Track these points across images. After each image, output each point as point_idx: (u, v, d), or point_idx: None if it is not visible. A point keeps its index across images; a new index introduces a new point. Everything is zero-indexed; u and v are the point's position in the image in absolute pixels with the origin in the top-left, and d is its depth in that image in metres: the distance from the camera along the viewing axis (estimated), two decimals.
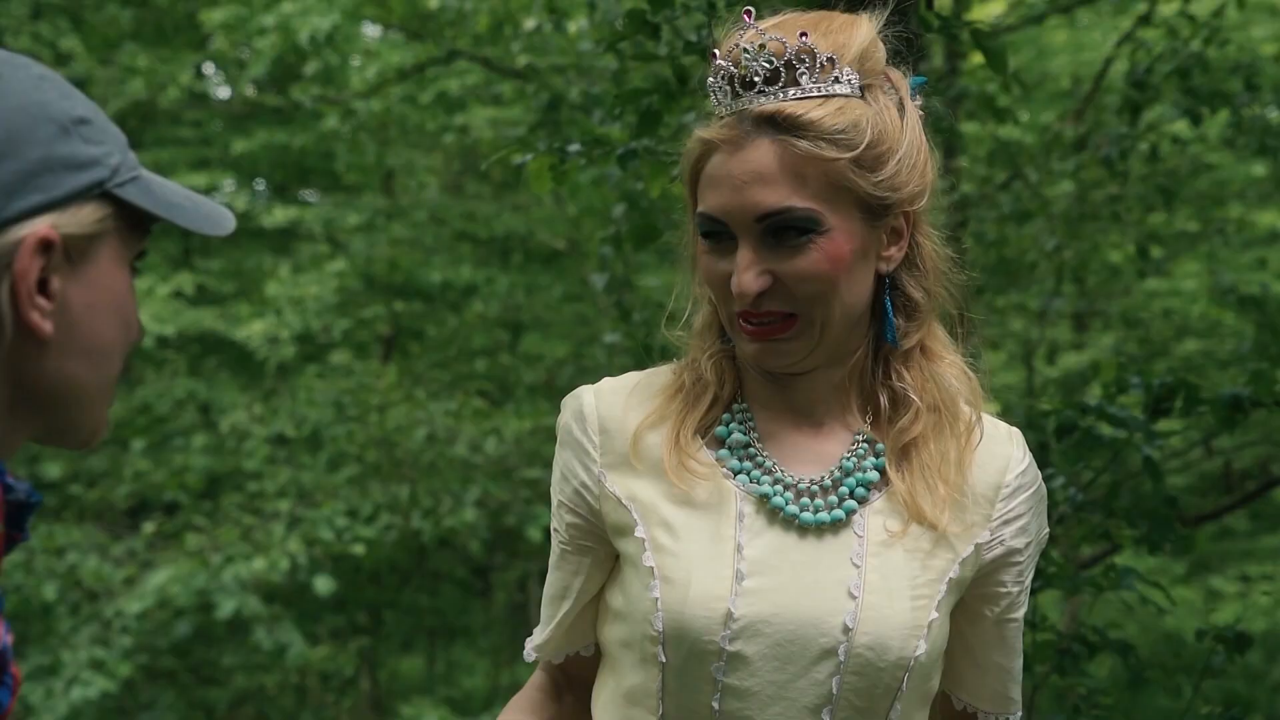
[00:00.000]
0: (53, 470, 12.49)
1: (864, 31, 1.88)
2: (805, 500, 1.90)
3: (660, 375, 2.02)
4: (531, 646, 2.12)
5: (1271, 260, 11.28)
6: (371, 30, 12.64)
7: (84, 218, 1.39)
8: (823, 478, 1.92)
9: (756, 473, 1.92)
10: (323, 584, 10.69)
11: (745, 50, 1.83)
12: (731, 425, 1.96)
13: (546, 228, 13.41)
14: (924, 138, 1.92)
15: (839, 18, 1.91)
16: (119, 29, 13.90)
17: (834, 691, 1.85)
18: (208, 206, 1.53)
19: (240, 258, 14.87)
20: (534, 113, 9.34)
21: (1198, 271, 11.50)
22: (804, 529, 1.89)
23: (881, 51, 1.91)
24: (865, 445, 1.94)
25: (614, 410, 1.99)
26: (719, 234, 1.87)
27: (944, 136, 8.27)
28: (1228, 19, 7.59)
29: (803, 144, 1.81)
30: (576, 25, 9.32)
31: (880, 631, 1.85)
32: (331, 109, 12.09)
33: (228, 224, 1.52)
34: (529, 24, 9.65)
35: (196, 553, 10.74)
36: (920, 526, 1.89)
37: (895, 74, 1.94)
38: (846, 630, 1.84)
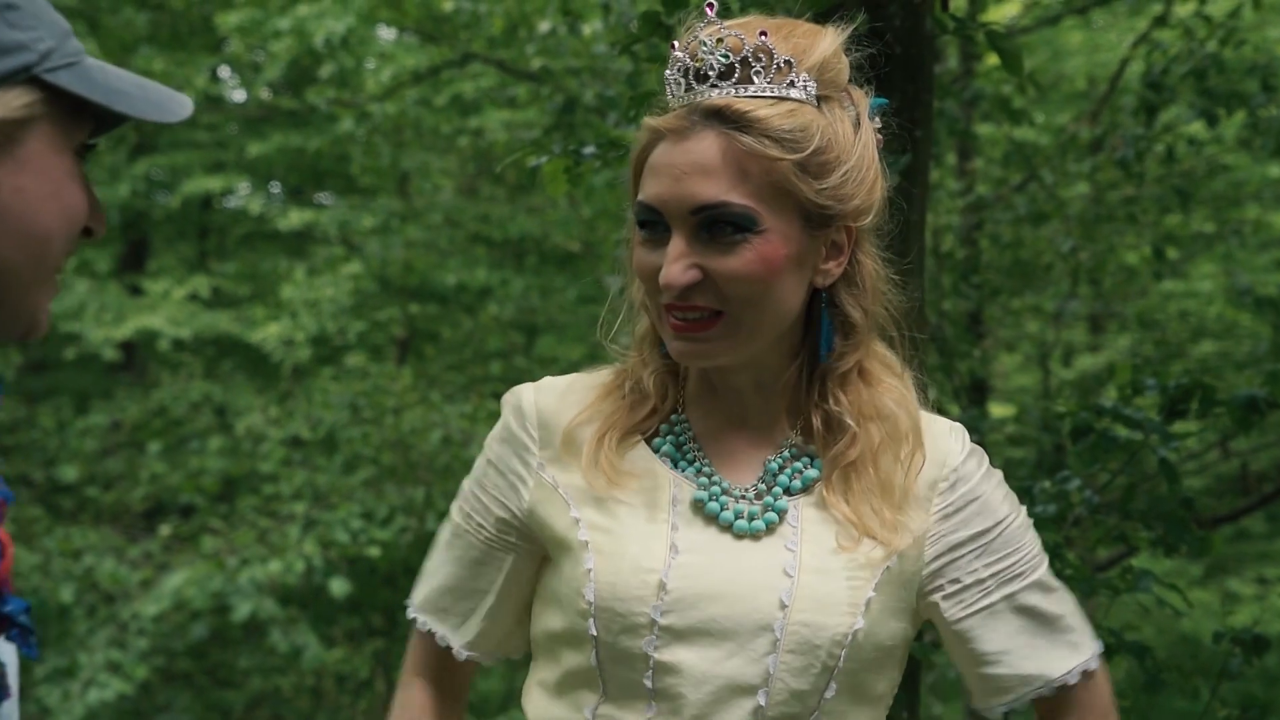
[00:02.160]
0: (69, 473, 12.53)
1: (827, 42, 1.87)
2: (740, 507, 1.89)
3: (600, 376, 2.03)
4: (462, 644, 2.08)
5: None
6: (386, 33, 12.66)
7: (9, 102, 1.37)
8: (757, 485, 1.91)
9: (690, 470, 1.93)
10: (338, 586, 10.69)
11: (703, 44, 1.82)
12: (667, 438, 1.96)
13: (561, 230, 13.42)
14: (876, 157, 1.90)
15: (804, 25, 1.90)
16: (135, 32, 13.94)
17: (770, 670, 1.83)
18: (159, 94, 1.50)
19: (256, 260, 14.92)
20: (549, 115, 9.35)
21: (1214, 273, 11.47)
22: (739, 535, 1.88)
23: (844, 66, 1.90)
24: (791, 450, 1.93)
25: (550, 405, 2.00)
26: (654, 224, 1.85)
27: (959, 138, 8.30)
28: (1244, 20, 7.57)
29: (747, 139, 1.78)
30: (591, 28, 9.33)
31: (817, 608, 1.83)
32: (346, 112, 12.11)
33: (179, 110, 1.49)
34: (544, 26, 9.66)
35: (212, 555, 10.75)
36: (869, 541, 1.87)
37: (856, 91, 1.92)
38: (783, 606, 1.83)
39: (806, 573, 1.85)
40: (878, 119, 1.94)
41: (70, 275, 13.45)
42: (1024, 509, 2.02)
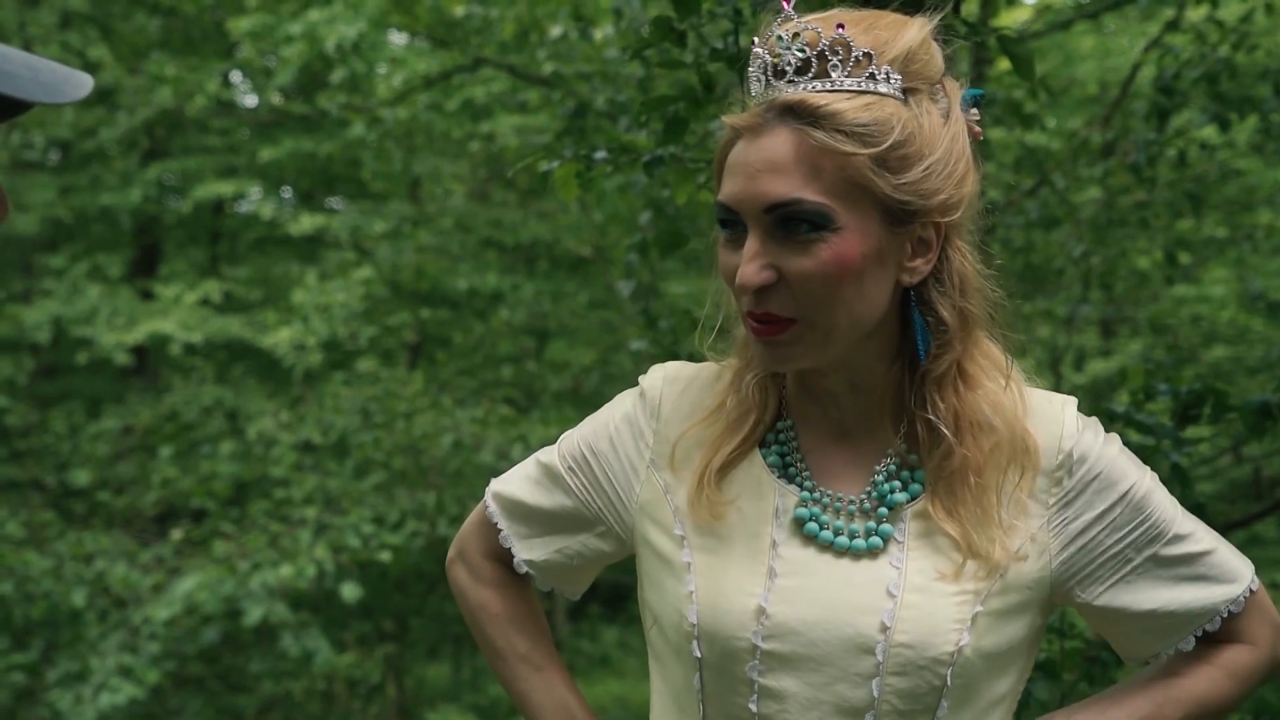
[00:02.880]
0: (81, 478, 12.55)
1: (912, 33, 1.81)
2: (840, 524, 1.85)
3: (716, 378, 2.00)
4: (524, 559, 2.11)
5: None
6: (398, 38, 12.67)
7: None
8: (862, 499, 1.87)
9: (794, 483, 1.89)
10: (349, 591, 10.69)
11: (780, 39, 1.78)
12: (773, 447, 1.92)
13: (572, 235, 13.43)
14: (968, 150, 1.84)
15: (889, 17, 1.83)
16: (147, 38, 13.99)
17: (875, 694, 1.79)
18: (52, 75, 1.42)
19: (267, 265, 14.95)
20: (560, 120, 9.35)
21: (1226, 278, 11.46)
22: (839, 553, 1.84)
23: (936, 57, 1.84)
24: (895, 463, 1.88)
25: (671, 403, 1.99)
26: (733, 224, 1.80)
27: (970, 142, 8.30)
28: (1256, 24, 7.56)
29: (819, 134, 1.73)
30: (602, 32, 9.34)
31: (920, 629, 1.78)
32: (358, 117, 12.12)
33: (72, 91, 1.41)
34: (555, 31, 9.67)
35: (224, 560, 10.75)
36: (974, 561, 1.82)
37: (950, 83, 1.86)
38: (884, 629, 1.78)
39: (910, 592, 1.80)
40: (973, 110, 1.88)
41: (82, 280, 13.48)
42: (1147, 468, 1.95)
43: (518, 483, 2.12)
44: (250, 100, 16.10)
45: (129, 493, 12.61)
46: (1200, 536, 1.95)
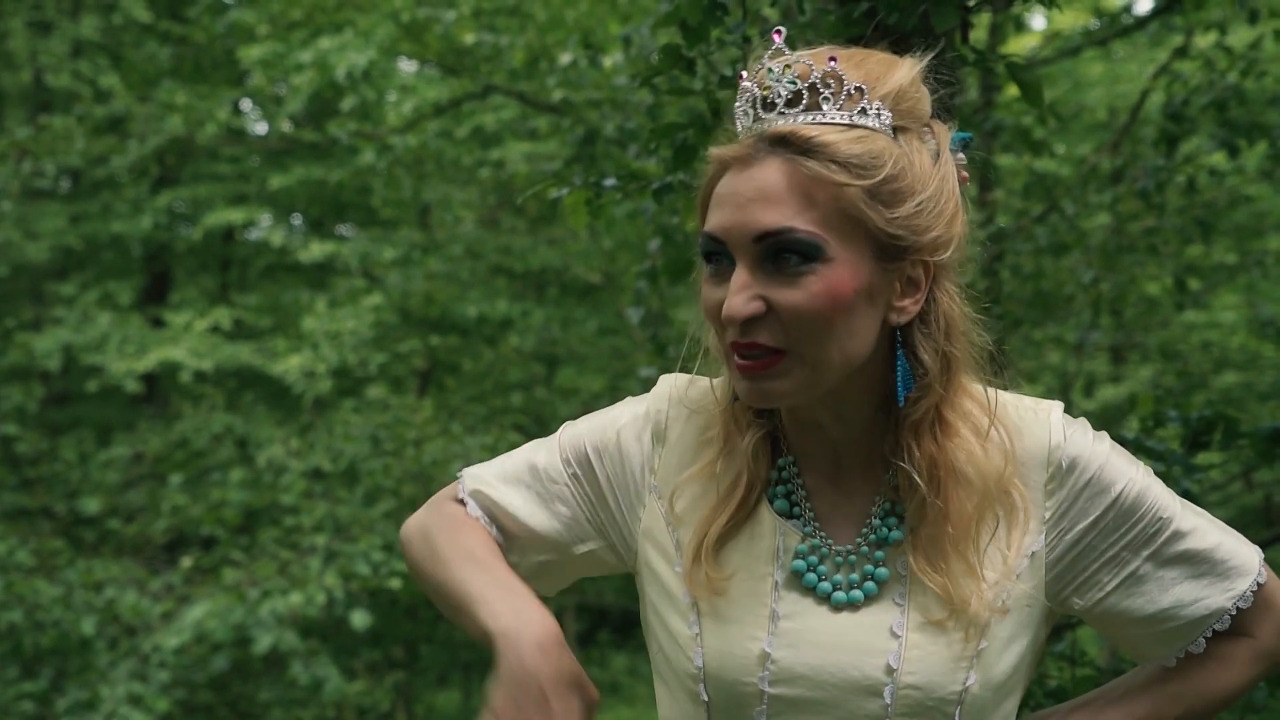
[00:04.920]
0: (91, 505, 12.55)
1: (902, 73, 1.79)
2: (838, 578, 1.82)
3: (709, 427, 1.93)
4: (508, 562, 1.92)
5: None
6: (408, 66, 12.71)
7: None
8: (859, 543, 1.84)
9: (797, 523, 1.86)
10: (359, 618, 10.68)
11: (770, 71, 1.76)
12: (778, 489, 1.88)
13: (582, 262, 13.44)
14: (958, 191, 1.81)
15: (879, 55, 1.82)
16: (158, 66, 14.04)
17: None
18: None
19: (277, 292, 14.97)
20: (569, 147, 9.36)
21: (1236, 304, 11.46)
22: (837, 607, 1.82)
23: (925, 99, 1.82)
24: (889, 502, 1.85)
25: (676, 433, 1.95)
26: (719, 256, 1.77)
27: (980, 169, 8.31)
28: (1265, 51, 7.56)
29: (812, 164, 1.71)
30: (611, 60, 9.36)
31: (926, 668, 1.77)
32: (368, 144, 12.15)
33: None
34: (564, 59, 9.68)
35: (234, 587, 10.74)
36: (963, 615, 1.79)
37: (939, 125, 1.84)
38: (890, 671, 1.77)
39: (914, 631, 1.78)
40: (961, 154, 1.86)
41: (92, 308, 13.50)
42: (1141, 463, 1.91)
43: (506, 488, 2.00)
44: (261, 128, 16.14)
45: (139, 520, 12.61)
46: (1204, 530, 1.90)
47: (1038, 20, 11.34)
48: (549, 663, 1.69)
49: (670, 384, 1.99)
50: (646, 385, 2.00)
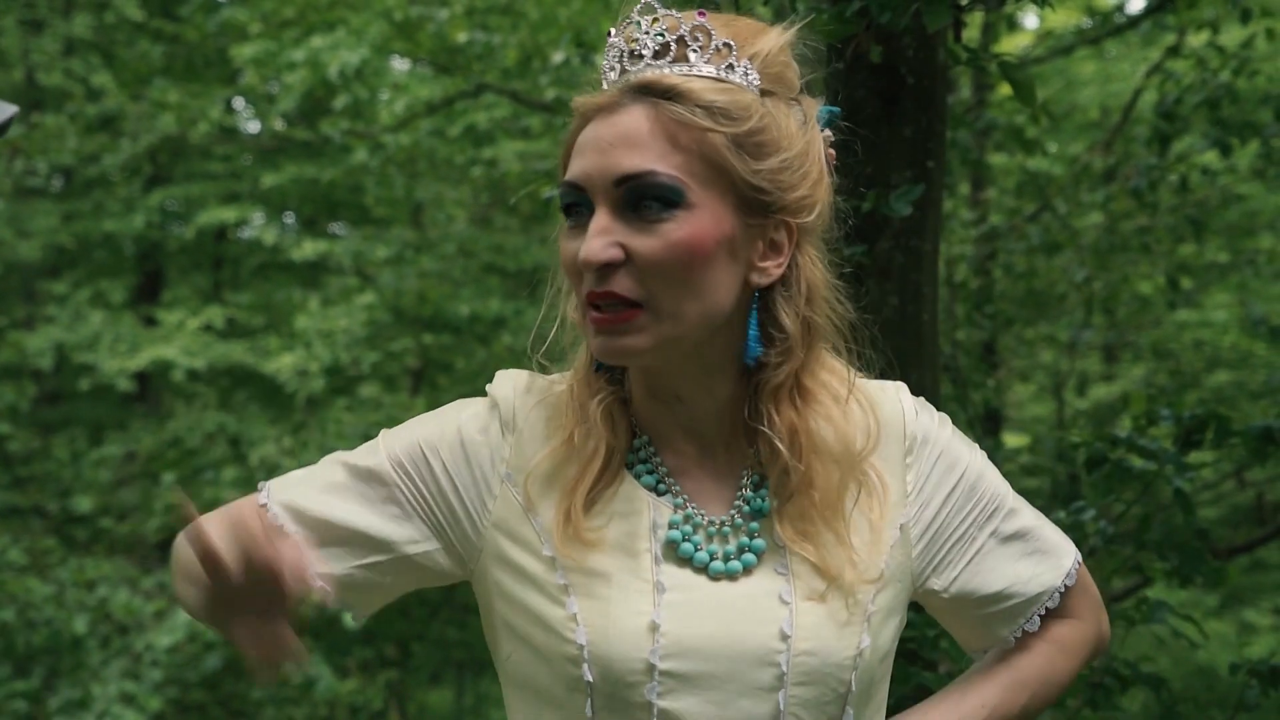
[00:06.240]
0: (84, 504, 12.55)
1: (771, 38, 1.77)
2: (714, 548, 1.77)
3: (562, 402, 1.86)
4: (318, 571, 1.64)
5: None
6: (400, 64, 12.70)
7: None
8: (733, 514, 1.79)
9: (666, 497, 1.80)
10: (351, 617, 10.70)
11: (639, 24, 1.74)
12: (638, 468, 1.82)
13: None
14: (823, 160, 1.79)
15: (748, 20, 1.80)
16: (150, 65, 14.02)
17: (780, 707, 1.72)
18: None
19: (270, 291, 14.95)
20: (562, 146, 9.37)
21: (1228, 302, 11.46)
22: (715, 577, 1.76)
23: (793, 69, 1.79)
24: (758, 474, 1.81)
25: (524, 418, 1.85)
26: (579, 207, 1.73)
27: (972, 168, 8.31)
28: (1257, 50, 7.57)
29: (678, 109, 1.68)
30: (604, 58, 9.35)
31: (818, 634, 1.73)
32: (360, 143, 12.15)
33: None
34: (557, 57, 9.69)
35: None
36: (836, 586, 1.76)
37: (807, 99, 1.81)
38: (785, 637, 1.72)
39: (801, 599, 1.74)
40: (828, 130, 1.83)
41: (85, 306, 13.49)
42: (975, 444, 1.94)
43: (314, 493, 1.85)
44: (253, 126, 16.13)
45: (131, 519, 12.62)
46: (1027, 513, 1.95)
47: (1030, 19, 11.34)
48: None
49: (511, 377, 1.91)
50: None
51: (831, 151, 1.84)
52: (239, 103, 15.70)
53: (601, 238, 1.68)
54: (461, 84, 11.32)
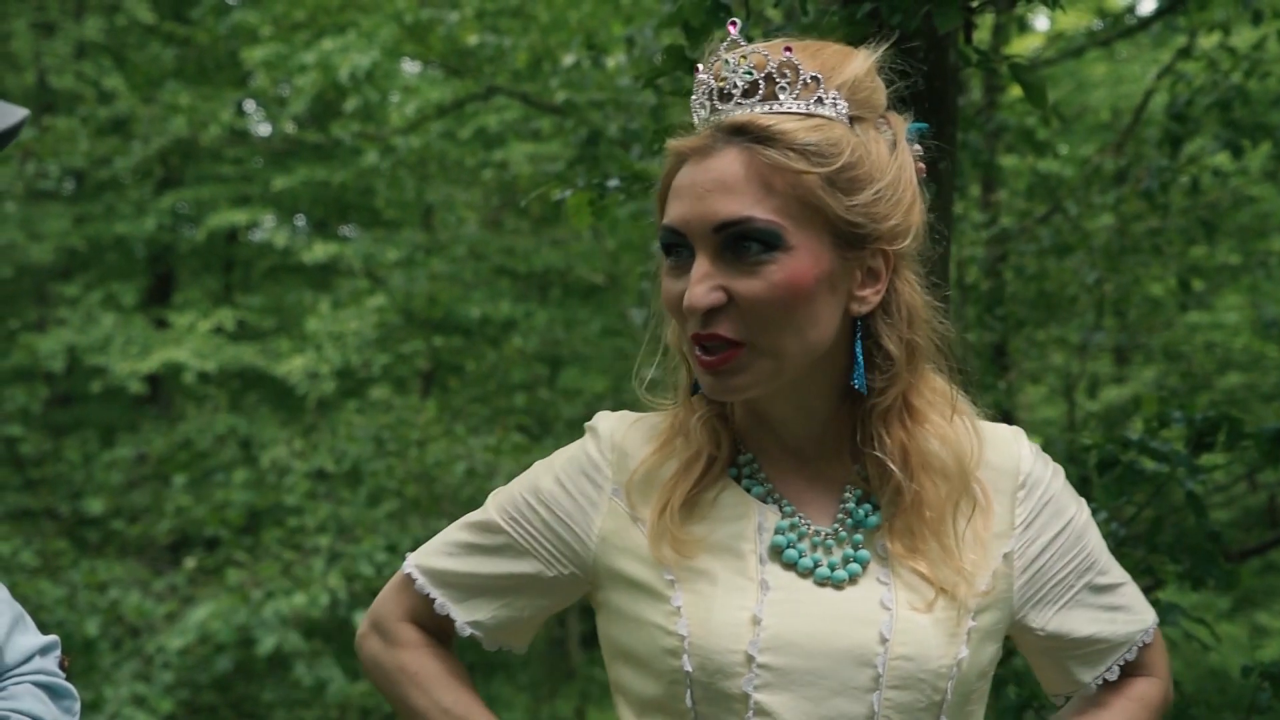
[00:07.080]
0: (95, 506, 12.56)
1: (857, 63, 1.80)
2: (819, 556, 1.82)
3: (660, 423, 1.95)
4: (467, 620, 1.99)
5: None
6: (411, 67, 12.71)
7: None
8: (835, 528, 1.84)
9: (773, 506, 1.85)
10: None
11: (727, 63, 1.76)
12: (746, 482, 1.88)
13: (585, 262, 13.44)
14: (915, 181, 1.82)
15: (834, 46, 1.83)
16: (161, 68, 14.05)
17: (874, 709, 1.75)
18: None
19: (281, 293, 14.96)
20: (572, 148, 9.38)
21: (1240, 304, 11.44)
22: (820, 582, 1.81)
23: (879, 89, 1.83)
24: (860, 490, 1.86)
25: (624, 436, 1.94)
26: (679, 248, 1.78)
27: (983, 170, 8.30)
28: (1268, 52, 7.56)
29: (771, 153, 1.71)
30: (615, 61, 9.36)
31: (918, 640, 1.76)
32: (371, 145, 12.16)
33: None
34: (567, 60, 9.69)
35: (237, 588, 10.76)
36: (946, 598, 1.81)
37: (895, 116, 1.84)
38: (883, 640, 1.76)
39: (903, 605, 1.78)
40: (917, 145, 1.86)
41: (96, 308, 13.51)
42: (1083, 500, 2.00)
43: (444, 557, 2.02)
44: (264, 129, 16.15)
45: (142, 521, 12.62)
46: (1117, 571, 2.01)
47: (1041, 21, 11.33)
48: None
49: (608, 412, 2.01)
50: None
51: (922, 166, 1.86)
52: (250, 105, 15.72)
53: (704, 283, 1.73)
54: (472, 86, 11.32)
